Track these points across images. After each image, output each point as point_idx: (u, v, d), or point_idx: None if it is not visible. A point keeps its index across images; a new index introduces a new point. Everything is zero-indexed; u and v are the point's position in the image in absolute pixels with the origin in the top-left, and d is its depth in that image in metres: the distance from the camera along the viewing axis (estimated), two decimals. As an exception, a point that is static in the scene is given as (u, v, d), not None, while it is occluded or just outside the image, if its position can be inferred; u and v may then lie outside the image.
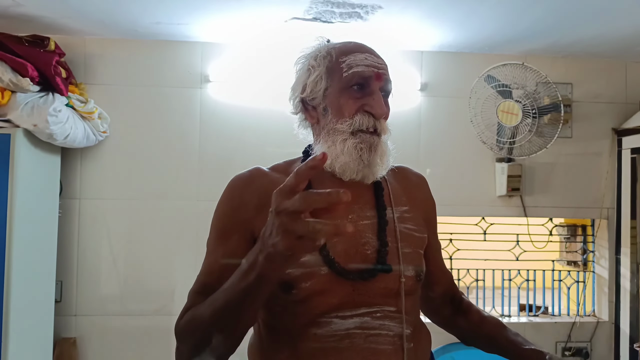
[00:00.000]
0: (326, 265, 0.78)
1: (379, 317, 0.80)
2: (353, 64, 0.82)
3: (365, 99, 0.82)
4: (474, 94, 2.12)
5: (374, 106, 0.81)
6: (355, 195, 0.85)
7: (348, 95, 0.82)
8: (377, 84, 0.83)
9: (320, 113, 0.85)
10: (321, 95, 0.84)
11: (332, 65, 0.84)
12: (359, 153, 0.80)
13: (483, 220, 2.32)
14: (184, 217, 2.12)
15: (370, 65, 0.83)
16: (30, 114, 1.72)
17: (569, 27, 1.92)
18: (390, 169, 0.94)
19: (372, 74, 0.82)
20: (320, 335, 0.78)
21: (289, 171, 0.87)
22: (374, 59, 0.85)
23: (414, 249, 0.86)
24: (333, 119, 0.83)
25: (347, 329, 0.78)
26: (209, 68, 2.15)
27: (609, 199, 2.28)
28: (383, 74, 0.84)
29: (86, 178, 2.10)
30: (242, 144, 2.14)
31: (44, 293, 1.91)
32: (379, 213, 0.84)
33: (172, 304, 2.09)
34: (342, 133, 0.81)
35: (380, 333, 0.79)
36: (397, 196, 0.89)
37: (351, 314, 0.79)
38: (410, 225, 0.87)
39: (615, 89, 2.31)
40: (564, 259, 2.45)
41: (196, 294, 0.82)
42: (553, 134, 2.10)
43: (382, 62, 0.85)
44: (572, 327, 2.26)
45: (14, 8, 1.75)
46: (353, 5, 1.73)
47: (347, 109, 0.81)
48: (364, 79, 0.82)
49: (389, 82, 0.85)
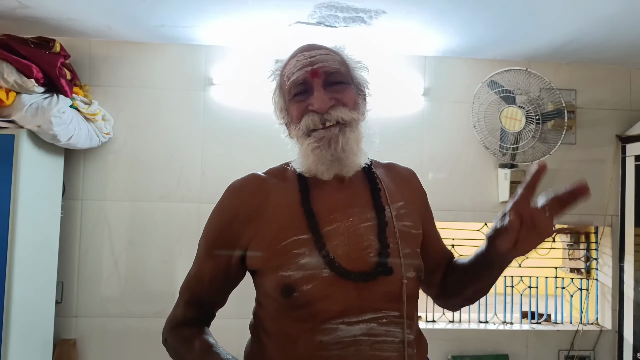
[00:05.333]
0: (327, 267, 0.77)
1: (384, 323, 0.79)
2: (289, 73, 0.85)
3: (309, 99, 0.83)
4: (477, 99, 2.12)
5: (314, 103, 0.82)
6: (353, 198, 0.85)
7: (294, 103, 0.85)
8: (315, 81, 0.83)
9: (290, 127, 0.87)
10: (285, 113, 0.88)
11: (281, 82, 0.88)
12: (319, 151, 0.81)
13: (485, 226, 2.31)
14: (186, 220, 2.12)
15: (303, 67, 0.83)
16: (35, 115, 1.73)
17: (573, 34, 1.91)
18: (382, 166, 0.94)
19: (306, 75, 0.83)
20: (327, 343, 0.76)
21: (284, 176, 0.89)
22: (306, 57, 0.84)
23: (413, 248, 0.85)
24: (293, 129, 0.85)
25: (354, 336, 0.77)
26: (213, 71, 2.16)
27: (613, 206, 2.27)
28: (319, 67, 0.83)
29: (89, 179, 2.10)
30: (245, 147, 2.14)
31: (44, 294, 1.91)
32: (378, 214, 0.84)
33: (172, 307, 2.09)
34: (300, 138, 0.84)
35: (385, 340, 0.78)
36: (392, 193, 0.88)
37: (357, 320, 0.77)
38: (407, 222, 0.87)
39: (620, 95, 2.30)
40: (567, 266, 2.43)
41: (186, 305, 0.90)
42: (557, 140, 2.09)
43: (315, 55, 0.84)
44: (575, 335, 2.24)
45: (20, 10, 1.76)
46: (357, 10, 1.74)
47: (296, 116, 0.84)
48: (301, 83, 0.83)
49: (331, 72, 0.83)
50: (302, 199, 0.83)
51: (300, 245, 0.79)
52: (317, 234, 0.79)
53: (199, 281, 0.89)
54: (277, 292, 0.78)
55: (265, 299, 0.84)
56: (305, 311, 0.77)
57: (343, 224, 0.81)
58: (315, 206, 0.83)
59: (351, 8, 1.72)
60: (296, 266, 0.78)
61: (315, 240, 0.79)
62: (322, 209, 0.83)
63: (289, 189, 0.86)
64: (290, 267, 0.78)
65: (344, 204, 0.84)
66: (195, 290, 0.90)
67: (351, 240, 0.80)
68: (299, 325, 0.78)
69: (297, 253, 0.79)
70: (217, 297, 0.91)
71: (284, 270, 0.78)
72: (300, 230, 0.80)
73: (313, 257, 0.78)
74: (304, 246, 0.79)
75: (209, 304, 0.91)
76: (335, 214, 0.82)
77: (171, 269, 2.11)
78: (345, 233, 0.81)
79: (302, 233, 0.80)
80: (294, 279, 0.77)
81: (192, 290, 0.90)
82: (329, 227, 0.81)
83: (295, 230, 0.80)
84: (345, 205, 0.83)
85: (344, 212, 0.83)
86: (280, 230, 0.81)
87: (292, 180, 0.87)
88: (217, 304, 0.93)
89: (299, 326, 0.78)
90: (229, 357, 0.77)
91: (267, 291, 0.81)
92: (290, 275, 0.77)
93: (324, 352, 0.76)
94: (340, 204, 0.84)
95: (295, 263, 0.78)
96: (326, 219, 0.81)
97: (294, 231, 0.80)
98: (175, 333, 0.87)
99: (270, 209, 0.84)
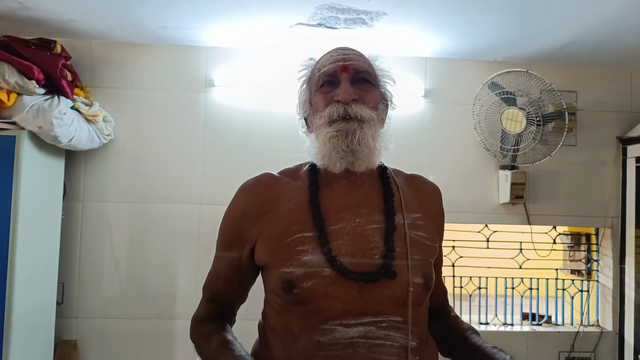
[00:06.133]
0: (329, 266, 0.78)
1: (384, 327, 0.78)
2: (321, 66, 0.88)
3: (335, 91, 0.85)
4: (478, 100, 2.12)
5: (339, 93, 0.84)
6: (364, 199, 0.85)
7: (320, 93, 0.87)
8: (344, 75, 0.86)
9: (312, 120, 0.90)
10: (309, 106, 0.90)
11: (310, 76, 0.92)
12: (336, 140, 0.83)
13: (486, 227, 2.31)
14: (187, 221, 2.12)
15: (334, 61, 0.86)
16: (36, 116, 1.73)
17: (573, 35, 1.91)
18: (404, 176, 0.95)
19: (336, 68, 0.86)
20: (324, 343, 0.77)
21: (297, 175, 0.90)
22: (340, 53, 0.88)
23: (424, 256, 0.85)
24: (316, 118, 0.87)
25: (351, 338, 0.77)
26: (214, 72, 2.16)
27: (614, 208, 2.27)
28: (350, 64, 0.86)
29: (90, 181, 2.10)
30: (246, 148, 2.14)
31: (45, 295, 1.91)
32: (387, 217, 0.84)
33: (173, 308, 2.09)
34: (321, 127, 0.85)
35: (384, 344, 0.78)
36: (409, 202, 0.88)
37: (356, 323, 0.78)
38: (421, 232, 0.86)
39: (620, 97, 2.30)
40: (568, 267, 2.43)
41: (207, 302, 0.94)
42: (557, 142, 2.09)
43: (348, 53, 0.88)
44: (576, 337, 2.24)
45: (22, 11, 1.76)
46: (358, 12, 1.74)
47: (321, 105, 0.86)
48: (330, 75, 0.86)
49: (360, 70, 0.87)
50: (310, 196, 0.84)
51: (304, 242, 0.80)
52: (321, 231, 0.80)
53: (216, 278, 0.92)
54: (279, 287, 0.80)
55: (270, 295, 0.85)
56: (306, 308, 0.78)
57: (349, 224, 0.82)
58: (324, 204, 0.84)
59: (352, 10, 1.72)
60: (298, 263, 0.79)
61: (319, 237, 0.80)
62: (331, 207, 0.83)
63: (300, 187, 0.87)
64: (293, 263, 0.79)
65: (354, 204, 0.84)
66: (214, 287, 0.93)
67: (356, 240, 0.81)
68: (301, 322, 0.79)
69: (301, 250, 0.80)
70: (235, 293, 0.94)
71: (286, 266, 0.79)
72: (306, 227, 0.81)
73: (315, 254, 0.79)
74: (308, 243, 0.80)
75: (228, 300, 0.94)
76: (343, 213, 0.83)
77: (172, 271, 2.11)
78: (350, 233, 0.81)
79: (308, 230, 0.81)
80: (294, 275, 0.78)
81: (211, 287, 0.93)
82: (334, 226, 0.81)
83: (301, 227, 0.81)
84: (355, 206, 0.84)
85: (352, 212, 0.83)
86: (287, 226, 0.82)
87: (304, 178, 0.89)
88: (236, 300, 0.95)
89: (300, 324, 0.79)
90: (242, 354, 0.79)
91: (272, 287, 0.83)
92: (292, 272, 0.78)
93: (322, 352, 0.77)
94: (349, 204, 0.84)
95: (298, 260, 0.79)
96: (333, 217, 0.82)
97: (299, 228, 0.81)
98: (198, 329, 0.90)
99: (280, 205, 0.85)
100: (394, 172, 0.94)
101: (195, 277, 2.10)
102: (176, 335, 2.08)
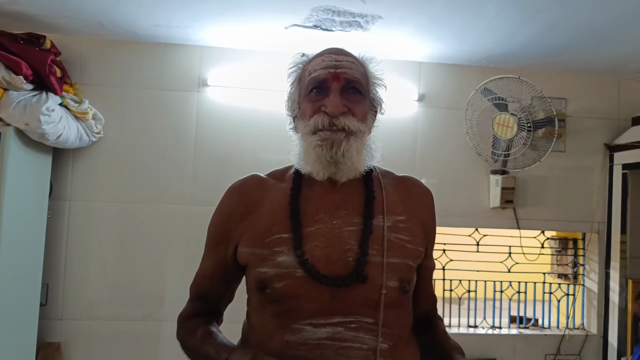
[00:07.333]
0: (300, 268, 0.79)
1: (353, 329, 0.78)
2: (312, 69, 0.86)
3: (324, 100, 0.84)
4: (471, 106, 2.14)
5: (328, 105, 0.83)
6: (344, 202, 0.85)
7: (308, 99, 0.86)
8: (334, 85, 0.84)
9: (298, 122, 0.89)
10: (297, 107, 0.89)
11: (300, 76, 0.90)
12: (320, 150, 0.82)
13: (476, 231, 2.33)
14: (176, 222, 2.09)
15: (327, 67, 0.85)
16: (23, 112, 1.69)
17: (564, 43, 1.95)
18: (393, 177, 0.94)
19: (327, 75, 0.84)
20: (292, 342, 0.78)
21: (284, 177, 0.91)
22: (332, 59, 0.86)
23: (403, 259, 0.84)
24: (301, 124, 0.86)
25: (319, 339, 0.77)
26: (208, 72, 2.14)
27: (600, 214, 2.31)
28: (341, 72, 0.84)
29: (77, 179, 2.06)
30: (238, 149, 2.13)
31: (29, 296, 1.87)
32: (365, 220, 0.83)
33: (161, 310, 2.06)
34: (306, 135, 0.85)
35: (352, 346, 0.78)
36: (393, 204, 0.87)
37: (324, 323, 0.78)
38: (404, 235, 0.85)
39: (608, 105, 2.35)
40: (555, 271, 2.46)
41: (193, 300, 0.95)
42: (547, 148, 2.12)
43: (341, 60, 0.86)
44: (562, 340, 2.27)
45: (10, 5, 1.72)
46: (353, 15, 1.74)
47: (308, 112, 0.85)
48: (320, 81, 0.85)
49: (351, 81, 0.85)
50: (291, 198, 0.85)
51: (280, 244, 0.81)
52: (297, 233, 0.81)
53: (203, 277, 0.94)
54: (254, 286, 0.82)
55: (250, 294, 0.88)
56: (280, 307, 0.80)
57: (326, 226, 0.82)
58: (303, 206, 0.84)
59: (348, 12, 1.72)
60: (273, 263, 0.80)
61: (294, 239, 0.81)
62: (309, 209, 0.84)
63: (284, 189, 0.88)
64: (268, 263, 0.81)
65: (333, 207, 0.84)
66: (200, 286, 0.94)
67: (331, 242, 0.81)
68: (275, 321, 0.80)
69: (277, 251, 0.81)
70: (221, 292, 0.94)
71: (261, 266, 0.81)
72: (283, 229, 0.82)
73: (289, 256, 0.80)
74: (284, 245, 0.81)
75: (214, 298, 0.95)
76: (321, 215, 0.83)
77: (161, 272, 2.08)
78: (327, 235, 0.81)
79: (285, 232, 0.82)
80: (268, 276, 0.80)
81: (197, 286, 0.95)
82: (311, 227, 0.82)
83: (280, 229, 0.82)
84: (334, 208, 0.84)
85: (330, 214, 0.83)
86: (267, 227, 0.83)
87: (289, 180, 0.89)
88: (222, 299, 0.96)
89: (274, 322, 0.80)
90: (226, 342, 0.82)
91: (250, 285, 0.86)
92: (266, 272, 0.80)
93: (290, 352, 0.77)
94: (328, 206, 0.84)
95: (273, 260, 0.80)
96: (311, 219, 0.83)
97: (278, 229, 0.82)
98: (183, 325, 0.92)
99: (264, 207, 0.86)
100: (383, 174, 0.92)
101: (184, 279, 2.06)
102: (164, 337, 2.04)
